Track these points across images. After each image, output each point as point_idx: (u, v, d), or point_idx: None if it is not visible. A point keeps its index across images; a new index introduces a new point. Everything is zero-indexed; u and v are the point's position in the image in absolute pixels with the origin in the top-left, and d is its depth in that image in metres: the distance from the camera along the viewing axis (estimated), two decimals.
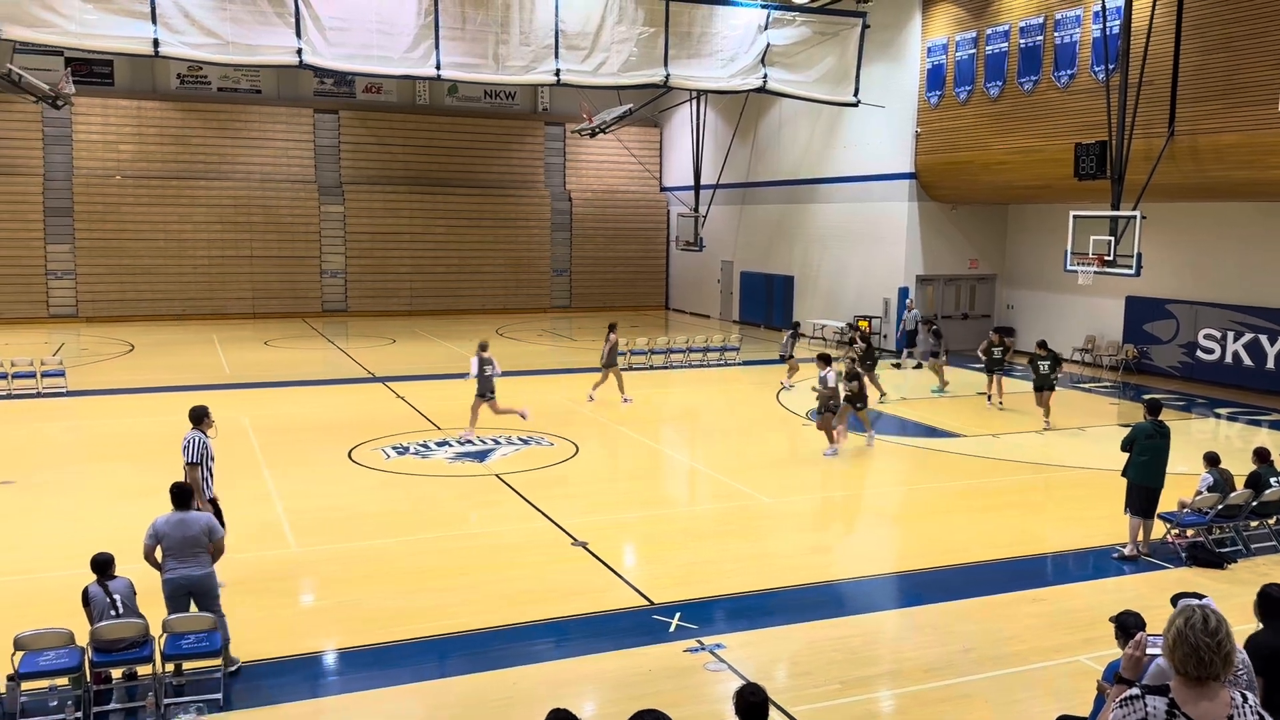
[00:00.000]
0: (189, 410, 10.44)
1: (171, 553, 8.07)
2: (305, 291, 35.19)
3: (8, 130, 32.02)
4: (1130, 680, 4.15)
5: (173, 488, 8.31)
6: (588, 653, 8.87)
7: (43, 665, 7.54)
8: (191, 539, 8.12)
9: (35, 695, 7.63)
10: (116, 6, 18.97)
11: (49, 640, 7.61)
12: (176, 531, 8.09)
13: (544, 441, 16.87)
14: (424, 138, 36.96)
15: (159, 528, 8.10)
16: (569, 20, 22.30)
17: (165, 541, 8.08)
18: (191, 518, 8.19)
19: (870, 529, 13.05)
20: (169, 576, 8.08)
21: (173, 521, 8.12)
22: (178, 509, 8.19)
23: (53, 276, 32.32)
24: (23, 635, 7.57)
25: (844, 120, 29.60)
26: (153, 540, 8.10)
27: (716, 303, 37.09)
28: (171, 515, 8.16)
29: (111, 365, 24.44)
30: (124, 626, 7.72)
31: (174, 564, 8.08)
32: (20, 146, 32.28)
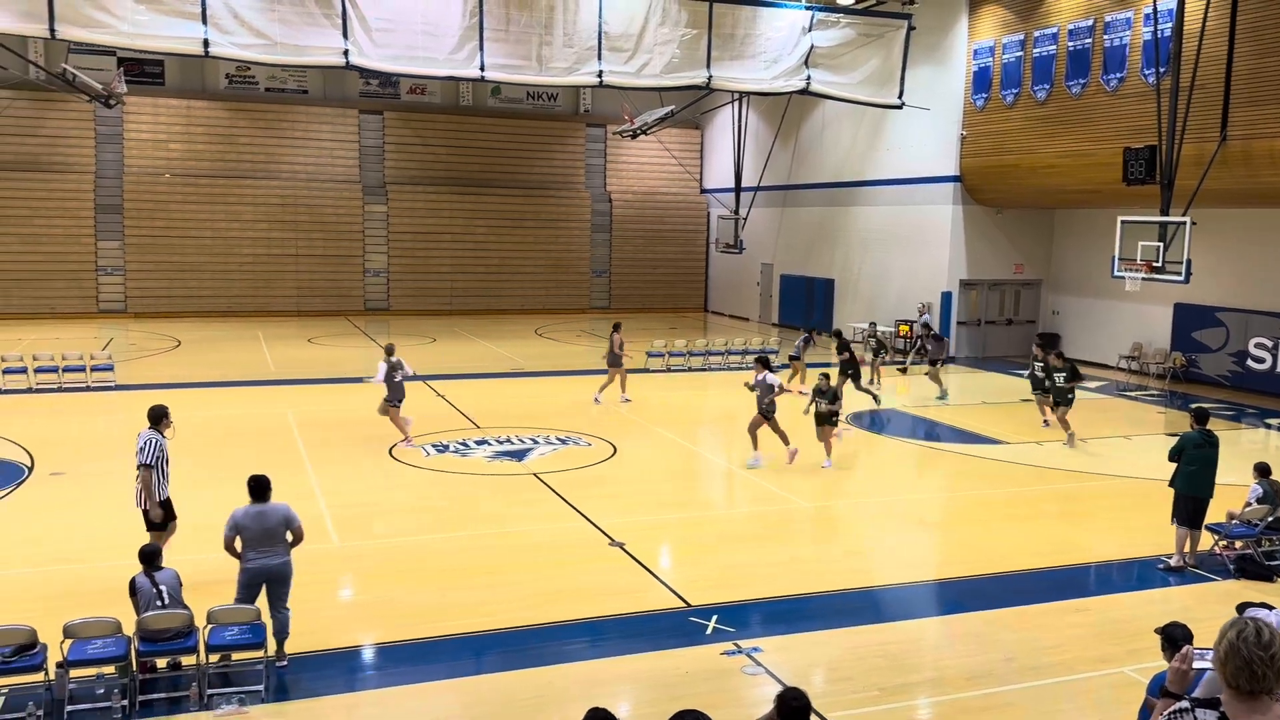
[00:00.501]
0: (148, 409, 10.26)
1: (251, 544, 8.28)
2: (348, 290, 35.56)
3: (62, 129, 32.69)
4: (1177, 693, 4.08)
5: (250, 480, 8.50)
6: (624, 653, 8.87)
7: (90, 653, 7.69)
8: (270, 530, 8.32)
9: (83, 683, 7.77)
10: (168, 7, 19.29)
11: (97, 629, 7.76)
12: (255, 524, 8.29)
13: (582, 442, 16.91)
14: (466, 138, 37.22)
15: (238, 519, 8.30)
16: (612, 22, 22.33)
17: (245, 533, 8.28)
18: (270, 509, 8.38)
19: (910, 535, 12.93)
20: (248, 566, 8.29)
21: (251, 514, 8.32)
22: (256, 501, 8.39)
23: (103, 272, 32.95)
24: (71, 623, 7.72)
25: (887, 123, 29.39)
26: (232, 532, 8.31)
27: (756, 305, 36.97)
28: (250, 507, 8.37)
29: (159, 360, 24.85)
30: (169, 617, 7.85)
31: (253, 555, 8.28)
32: (73, 144, 32.95)
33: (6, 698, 7.61)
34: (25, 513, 12.56)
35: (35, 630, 7.69)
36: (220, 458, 15.21)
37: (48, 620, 8.00)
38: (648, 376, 23.56)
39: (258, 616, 8.12)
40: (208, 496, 13.30)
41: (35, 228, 31.88)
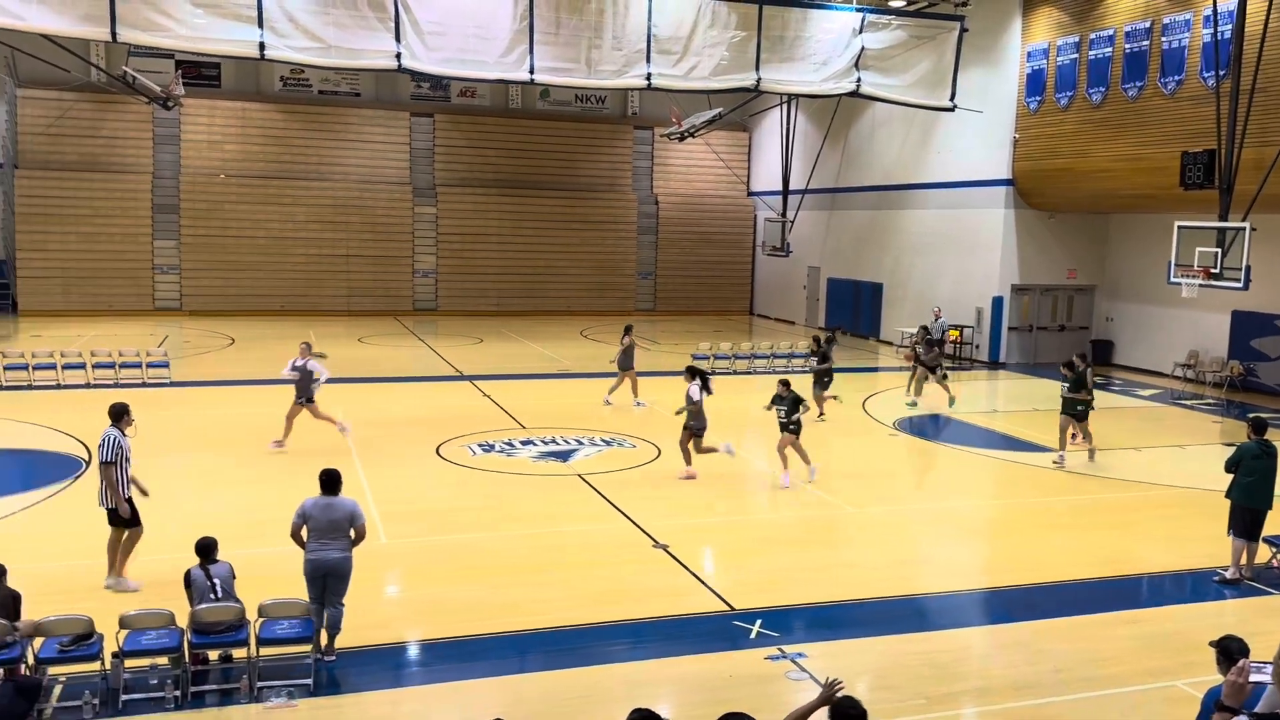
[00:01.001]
0: (109, 407, 10.31)
1: (315, 534, 8.48)
2: (398, 290, 35.95)
3: (121, 130, 33.43)
4: (1233, 708, 4.00)
5: (322, 474, 8.70)
6: (667, 655, 8.88)
7: (145, 644, 7.86)
8: (335, 522, 8.49)
9: (137, 673, 7.94)
10: (225, 11, 19.65)
11: (151, 620, 7.93)
12: (323, 515, 8.48)
13: (627, 443, 16.94)
14: (515, 141, 37.46)
15: (307, 509, 8.52)
16: (661, 24, 22.35)
17: (311, 523, 8.49)
18: (338, 503, 8.56)
19: (957, 543, 12.79)
20: (309, 556, 8.49)
21: (320, 505, 8.52)
22: (325, 494, 8.58)
23: (159, 271, 33.62)
24: (127, 614, 7.90)
25: (939, 125, 29.10)
26: (300, 520, 8.52)
27: (802, 309, 36.77)
28: (319, 499, 8.57)
29: (213, 358, 25.31)
30: (222, 610, 8.00)
31: (315, 545, 8.48)
32: (132, 145, 33.67)
33: (64, 686, 7.80)
34: (82, 505, 12.83)
35: (92, 620, 7.87)
36: (270, 455, 15.45)
37: (103, 611, 8.18)
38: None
39: (308, 611, 8.24)
40: (258, 492, 13.54)
41: (95, 226, 32.63)
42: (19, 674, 7.59)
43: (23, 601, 7.98)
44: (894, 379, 25.11)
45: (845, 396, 20.99)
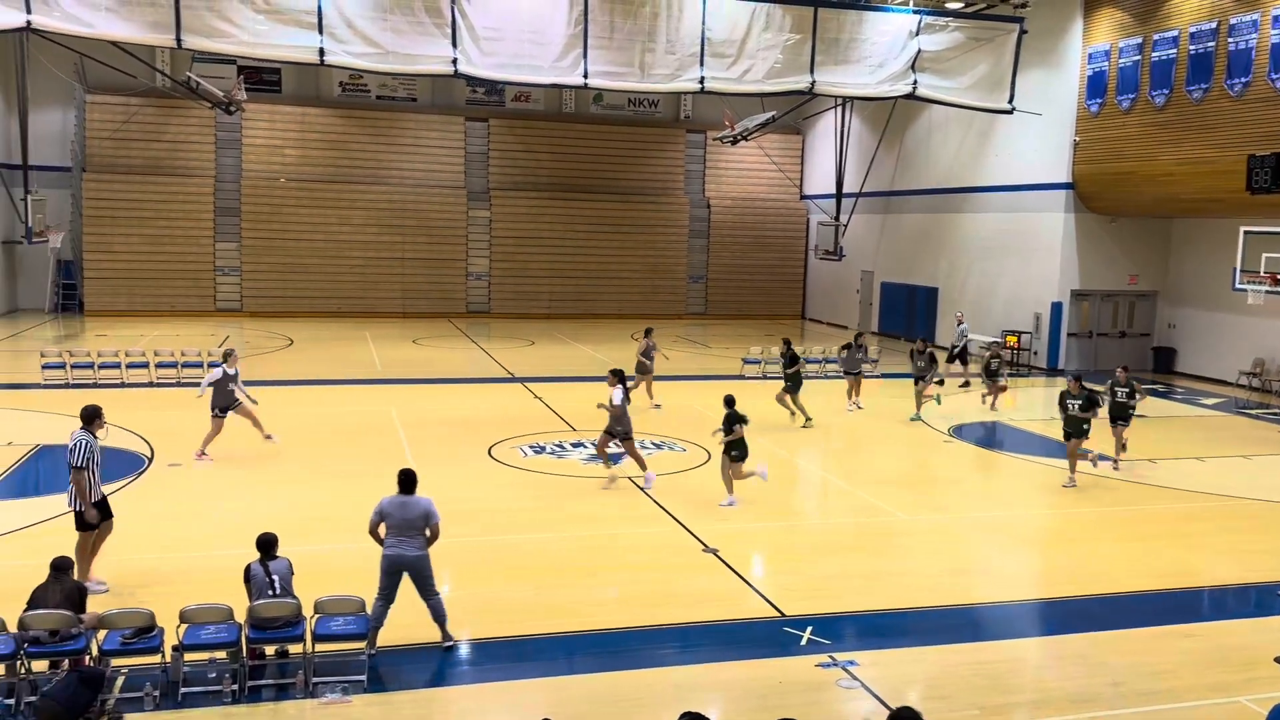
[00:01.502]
0: (81, 409, 10.22)
1: (393, 531, 8.70)
2: (451, 293, 36.32)
3: (185, 134, 34.20)
4: None
5: (401, 473, 8.92)
6: (716, 660, 8.86)
7: (204, 638, 8.03)
8: (410, 521, 8.70)
9: (196, 666, 8.11)
10: (286, 17, 20.05)
11: (210, 615, 8.09)
12: (399, 513, 8.69)
13: (676, 447, 16.93)
14: (568, 145, 37.66)
15: (384, 507, 8.74)
16: (715, 28, 22.34)
17: (388, 520, 8.70)
18: (414, 501, 8.77)
19: (1012, 552, 12.59)
20: (387, 552, 8.71)
21: (396, 503, 8.74)
22: (402, 492, 8.79)
23: (220, 273, 34.33)
24: (188, 609, 8.07)
25: (996, 128, 28.69)
26: (377, 517, 8.74)
27: (855, 313, 36.45)
28: (396, 497, 8.78)
29: (272, 358, 25.77)
30: (279, 606, 8.14)
31: (392, 542, 8.70)
32: (195, 150, 34.43)
33: (126, 677, 7.99)
34: (145, 501, 13.17)
35: (154, 614, 8.05)
36: (328, 454, 15.70)
37: (164, 605, 8.36)
38: (743, 384, 23.46)
39: (362, 608, 8.36)
40: (315, 490, 13.76)
41: (158, 229, 33.40)
42: (83, 665, 7.80)
43: (88, 594, 8.19)
44: (949, 385, 24.78)
45: (898, 403, 20.79)
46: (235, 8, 19.67)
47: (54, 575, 8.16)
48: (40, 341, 25.92)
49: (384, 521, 8.72)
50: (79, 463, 9.76)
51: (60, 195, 32.59)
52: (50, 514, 12.21)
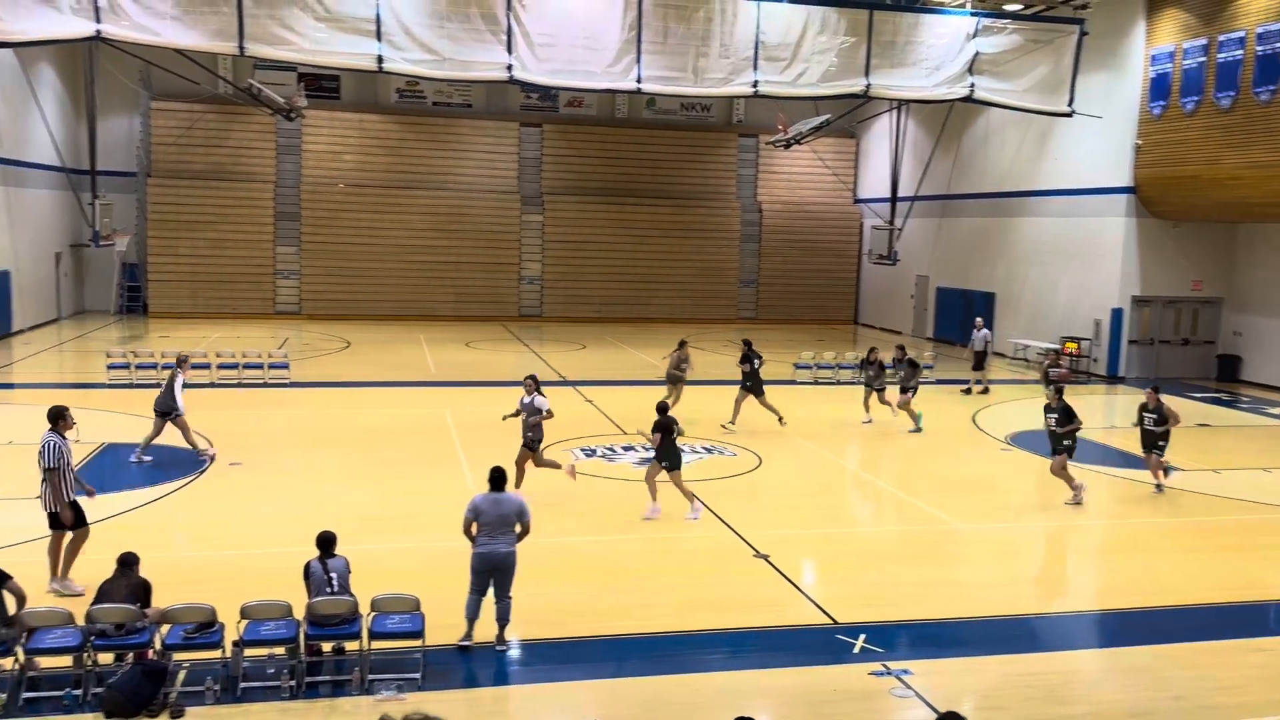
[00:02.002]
0: (47, 410, 10.23)
1: (486, 529, 8.82)
2: (504, 296, 36.61)
3: (247, 140, 34.91)
4: None
5: (492, 471, 9.09)
6: (768, 666, 8.82)
7: (263, 634, 8.18)
8: (503, 517, 8.85)
9: (255, 662, 8.27)
10: (346, 25, 20.37)
11: (270, 611, 8.24)
12: (493, 510, 8.84)
13: (727, 451, 16.88)
14: (621, 149, 37.79)
15: (478, 504, 8.88)
16: (770, 31, 22.25)
17: (481, 518, 8.83)
18: (506, 498, 8.94)
19: (1070, 562, 12.37)
20: (479, 550, 8.83)
21: (489, 499, 8.90)
22: (494, 490, 8.97)
23: (280, 276, 34.97)
24: (248, 605, 8.23)
25: (1056, 131, 28.24)
26: (472, 514, 8.87)
27: (909, 318, 36.07)
28: (489, 495, 8.95)
29: (330, 360, 26.19)
30: (336, 603, 8.27)
31: (484, 539, 8.82)
32: (256, 155, 35.13)
33: (188, 671, 8.16)
34: (206, 500, 13.45)
35: (215, 610, 8.22)
36: (385, 455, 15.91)
37: (223, 601, 8.52)
38: (794, 389, 23.35)
39: (417, 606, 8.45)
40: (373, 489, 13.94)
41: (221, 233, 34.12)
42: (147, 658, 7.99)
43: (152, 590, 8.39)
44: (1006, 391, 24.44)
45: (955, 410, 20.54)
46: (296, 16, 20.03)
47: (120, 570, 8.37)
48: (106, 342, 26.59)
49: (477, 519, 8.82)
50: (50, 464, 9.77)
51: (126, 200, 33.44)
52: (115, 510, 12.53)
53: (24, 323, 28.72)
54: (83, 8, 18.99)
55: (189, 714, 7.63)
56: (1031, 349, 28.64)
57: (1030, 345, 28.72)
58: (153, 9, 19.42)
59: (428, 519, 12.61)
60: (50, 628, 8.00)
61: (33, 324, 29.37)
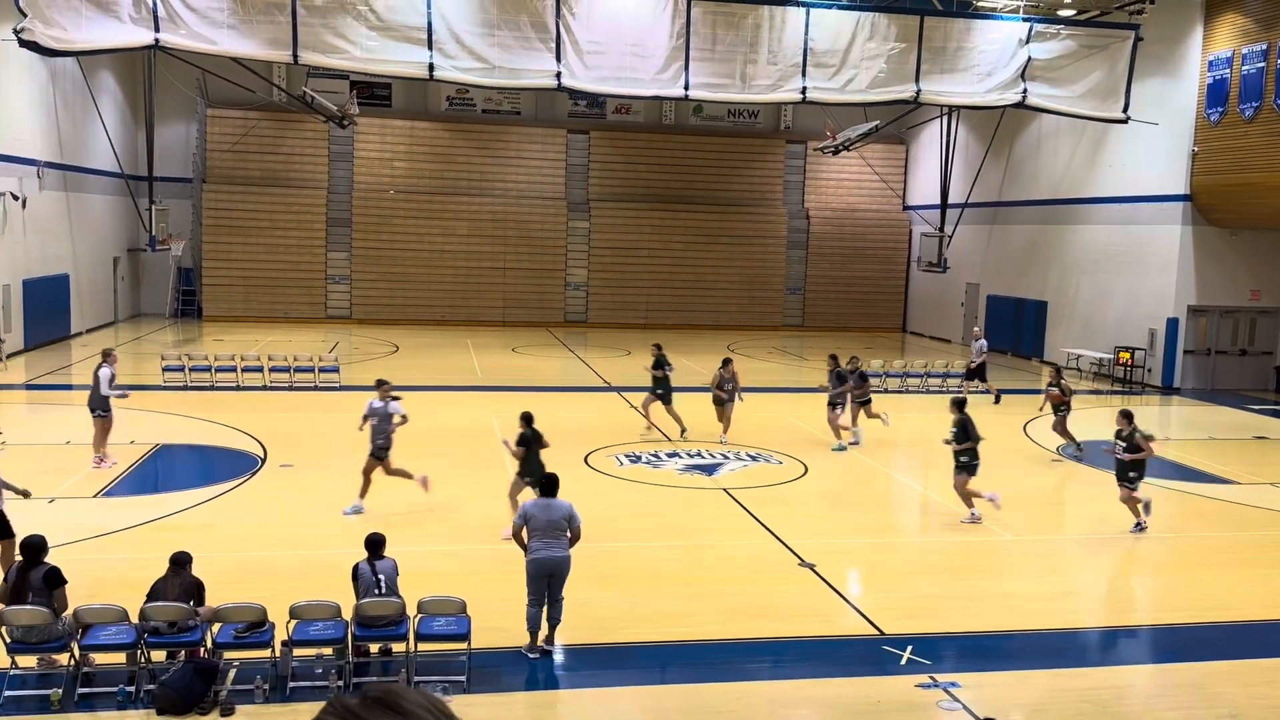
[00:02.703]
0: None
1: (537, 534, 8.86)
2: (550, 302, 36.80)
3: (300, 147, 35.48)
4: None
5: (544, 476, 9.23)
6: (813, 676, 8.76)
7: (312, 634, 8.29)
8: (554, 522, 8.91)
9: (303, 661, 8.38)
10: (398, 34, 20.64)
11: (319, 612, 8.35)
12: (543, 515, 8.90)
13: (772, 459, 16.81)
14: (668, 156, 37.83)
15: (528, 510, 8.96)
16: (819, 38, 22.17)
17: (532, 523, 8.88)
18: (556, 504, 9.01)
19: (1124, 576, 12.14)
20: (534, 556, 8.85)
21: (540, 505, 8.98)
22: (544, 495, 9.06)
23: (331, 281, 35.46)
24: (297, 605, 8.34)
25: (1110, 137, 27.78)
26: (522, 521, 8.94)
27: (959, 327, 35.65)
28: (539, 500, 9.04)
29: (379, 364, 26.48)
30: (384, 604, 8.36)
31: (538, 544, 8.86)
32: (309, 162, 35.68)
33: (238, 670, 8.29)
34: (257, 500, 13.67)
35: (265, 609, 8.34)
36: (432, 458, 16.04)
37: (273, 600, 8.65)
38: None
39: (463, 609, 8.51)
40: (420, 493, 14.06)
41: (274, 238, 34.68)
42: (199, 656, 8.13)
43: (204, 589, 8.54)
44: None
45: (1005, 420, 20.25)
46: (350, 25, 20.34)
47: (174, 569, 8.53)
48: (161, 345, 27.13)
49: (528, 525, 8.85)
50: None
51: (182, 205, 34.10)
52: (168, 510, 12.77)
53: (82, 325, 29.42)
54: (142, 17, 19.45)
55: (238, 712, 7.75)
56: (1084, 359, 28.16)
57: (1083, 355, 28.24)
58: (210, 18, 19.83)
59: (474, 522, 12.71)
60: (105, 624, 8.17)
61: (91, 326, 30.07)
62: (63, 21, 19.05)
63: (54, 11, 18.97)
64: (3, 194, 24.12)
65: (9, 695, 7.82)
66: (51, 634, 8.00)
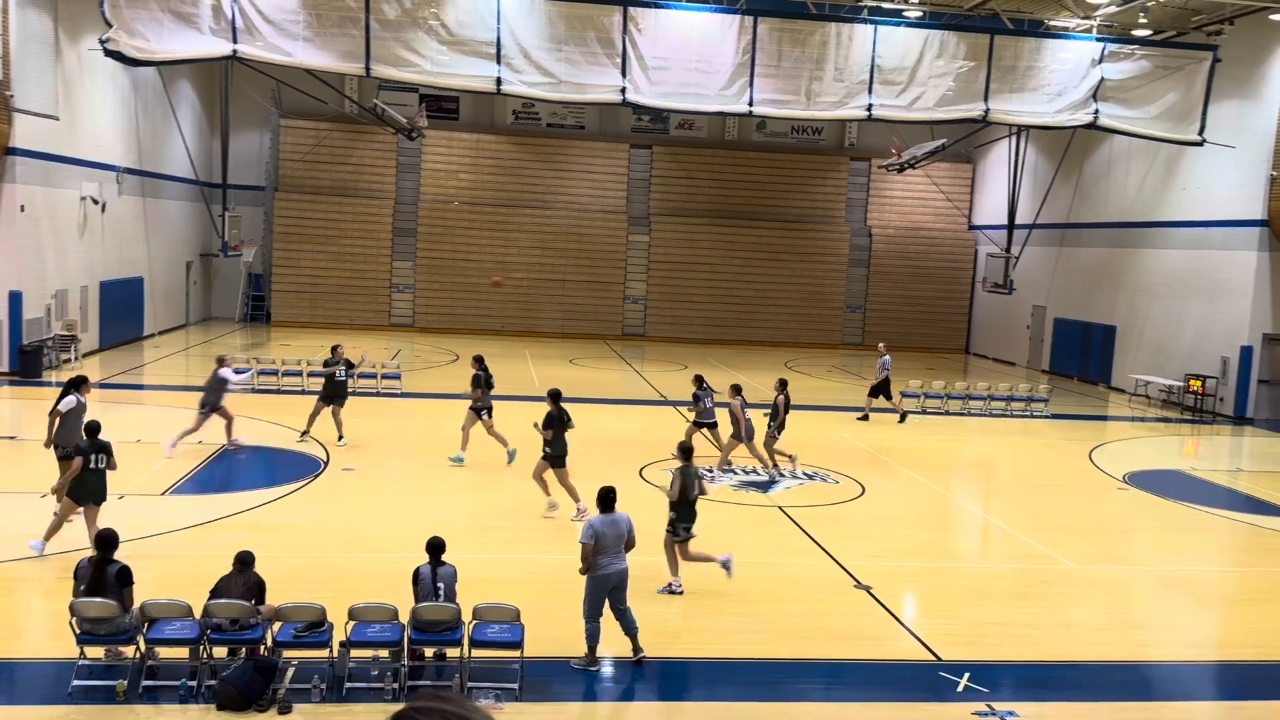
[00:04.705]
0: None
1: (606, 550, 8.84)
2: (608, 315, 36.95)
3: (369, 158, 36.15)
4: None
5: (601, 491, 9.14)
6: (866, 700, 8.65)
7: (369, 636, 8.39)
8: (620, 536, 8.97)
9: (361, 663, 8.48)
10: (467, 48, 20.97)
11: (377, 614, 8.45)
12: (611, 530, 8.92)
13: (829, 479, 16.65)
14: (730, 172, 37.82)
15: (597, 528, 8.89)
16: (886, 55, 22.04)
17: (603, 540, 8.84)
18: (620, 517, 9.04)
19: (1190, 609, 11.80)
20: (604, 572, 8.81)
21: (607, 521, 8.97)
22: (605, 511, 9.02)
23: (396, 289, 36.02)
24: (356, 606, 8.46)
25: (1184, 160, 27.16)
26: (592, 539, 8.85)
27: (1024, 350, 35.05)
28: (604, 516, 9.00)
29: (440, 372, 26.82)
30: (440, 609, 8.44)
31: (607, 560, 8.85)
32: (377, 172, 36.33)
33: (296, 669, 8.42)
34: (319, 503, 13.89)
35: (325, 609, 8.47)
36: (489, 466, 16.19)
37: (333, 601, 8.78)
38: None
39: (517, 617, 8.56)
40: (477, 501, 14.20)
41: (341, 247, 35.35)
42: (259, 654, 8.28)
43: (266, 588, 8.70)
44: (1125, 429, 23.56)
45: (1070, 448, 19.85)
46: (421, 39, 20.71)
47: (238, 568, 8.71)
48: (229, 348, 27.74)
49: (598, 543, 8.79)
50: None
51: (253, 213, 34.95)
52: (233, 510, 13.04)
53: (155, 327, 30.23)
54: (221, 28, 20.01)
55: (295, 710, 7.87)
56: (1153, 385, 27.50)
57: (1152, 381, 27.58)
58: (286, 30, 20.33)
59: (529, 531, 12.78)
60: (170, 619, 8.37)
61: (163, 328, 30.89)
62: (146, 32, 19.68)
63: (138, 23, 19.61)
64: (84, 198, 24.94)
65: (77, 685, 8.04)
66: (119, 627, 8.21)
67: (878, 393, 22.08)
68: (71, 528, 11.11)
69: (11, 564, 10.75)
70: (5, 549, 11.04)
